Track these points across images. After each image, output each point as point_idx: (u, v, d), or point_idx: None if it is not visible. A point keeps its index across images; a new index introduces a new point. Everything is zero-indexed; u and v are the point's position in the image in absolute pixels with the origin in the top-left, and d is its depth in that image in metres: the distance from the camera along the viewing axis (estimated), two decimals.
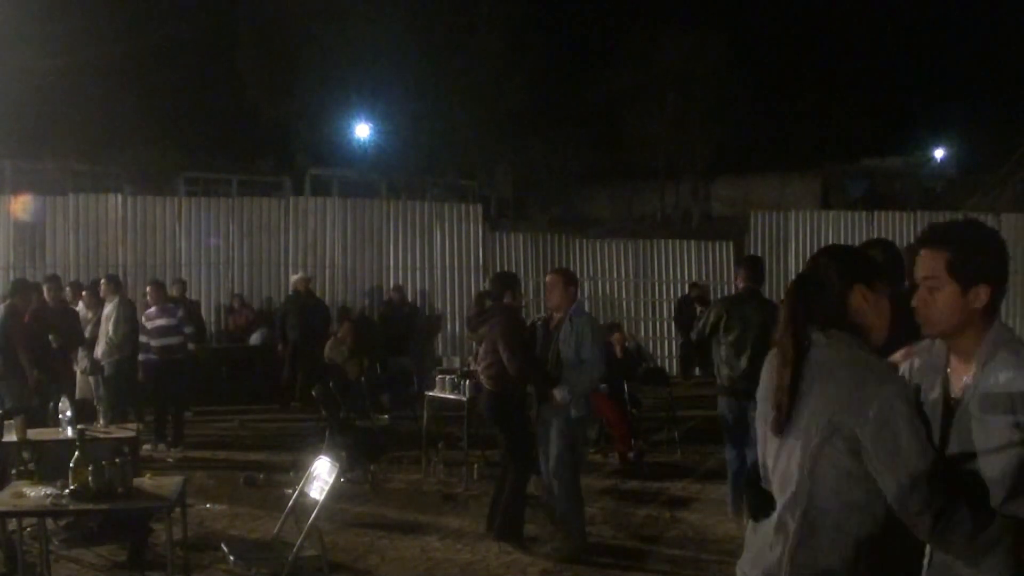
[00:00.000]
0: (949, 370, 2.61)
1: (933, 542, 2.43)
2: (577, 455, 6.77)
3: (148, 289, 11.27)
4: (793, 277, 2.80)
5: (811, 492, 2.51)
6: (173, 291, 13.15)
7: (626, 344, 12.14)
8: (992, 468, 2.46)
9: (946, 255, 2.52)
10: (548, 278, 6.96)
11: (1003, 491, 2.45)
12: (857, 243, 19.77)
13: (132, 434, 7.69)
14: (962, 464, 2.48)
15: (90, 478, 4.98)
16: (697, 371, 15.98)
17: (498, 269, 16.82)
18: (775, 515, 2.62)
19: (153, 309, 10.88)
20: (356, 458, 8.80)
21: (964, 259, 2.51)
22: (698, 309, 13.61)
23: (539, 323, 7.16)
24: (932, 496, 2.37)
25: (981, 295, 2.51)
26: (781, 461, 2.61)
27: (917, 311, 2.60)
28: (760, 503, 2.69)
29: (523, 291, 17.00)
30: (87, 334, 11.24)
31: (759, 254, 17.32)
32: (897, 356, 2.82)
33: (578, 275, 17.20)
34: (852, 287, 2.62)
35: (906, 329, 3.20)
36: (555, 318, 6.79)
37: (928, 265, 2.55)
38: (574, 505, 6.73)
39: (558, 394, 6.53)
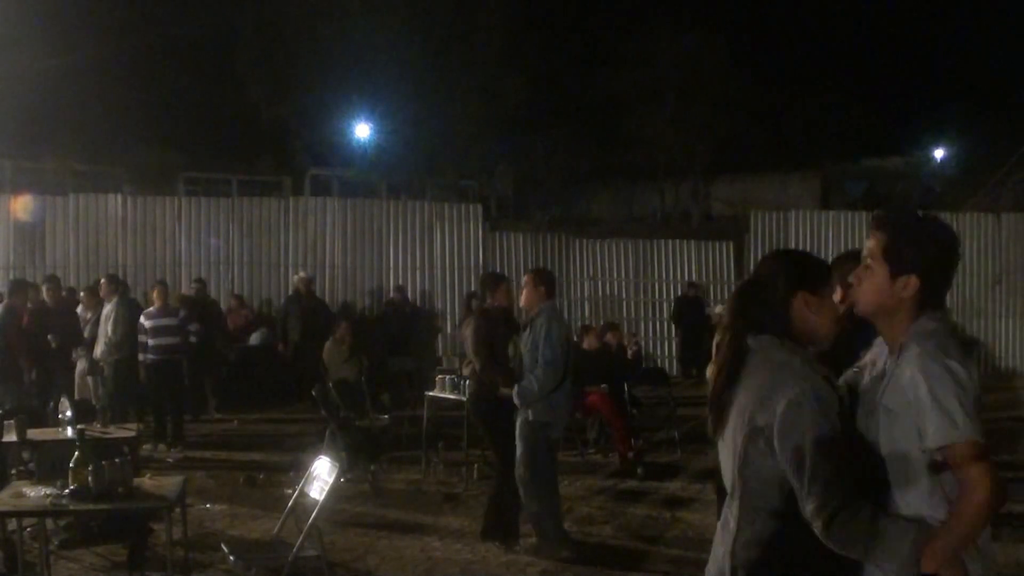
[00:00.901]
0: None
1: (827, 543, 2.46)
2: (543, 458, 6.60)
3: (155, 290, 11.27)
4: None
5: (744, 489, 2.61)
6: (191, 291, 13.39)
7: (629, 345, 12.14)
8: (895, 468, 2.51)
9: (884, 239, 2.60)
10: (523, 278, 6.94)
11: (903, 493, 2.50)
12: (857, 243, 19.83)
13: (132, 434, 7.70)
14: (868, 457, 2.54)
15: (90, 478, 4.98)
16: (695, 371, 15.99)
17: (498, 269, 16.83)
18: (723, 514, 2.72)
19: (154, 308, 10.88)
20: (356, 458, 8.81)
21: (898, 246, 2.57)
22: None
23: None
24: (828, 498, 2.42)
25: (909, 285, 2.55)
26: (723, 461, 2.72)
27: (852, 287, 2.69)
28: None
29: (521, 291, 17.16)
30: (86, 334, 11.25)
31: (759, 254, 17.35)
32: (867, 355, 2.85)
33: (578, 275, 17.37)
34: (795, 294, 2.68)
35: None
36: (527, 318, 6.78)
37: (869, 245, 2.63)
38: (544, 506, 6.63)
39: (515, 396, 6.48)
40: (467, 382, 8.70)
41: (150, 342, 10.69)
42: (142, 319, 10.81)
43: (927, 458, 2.45)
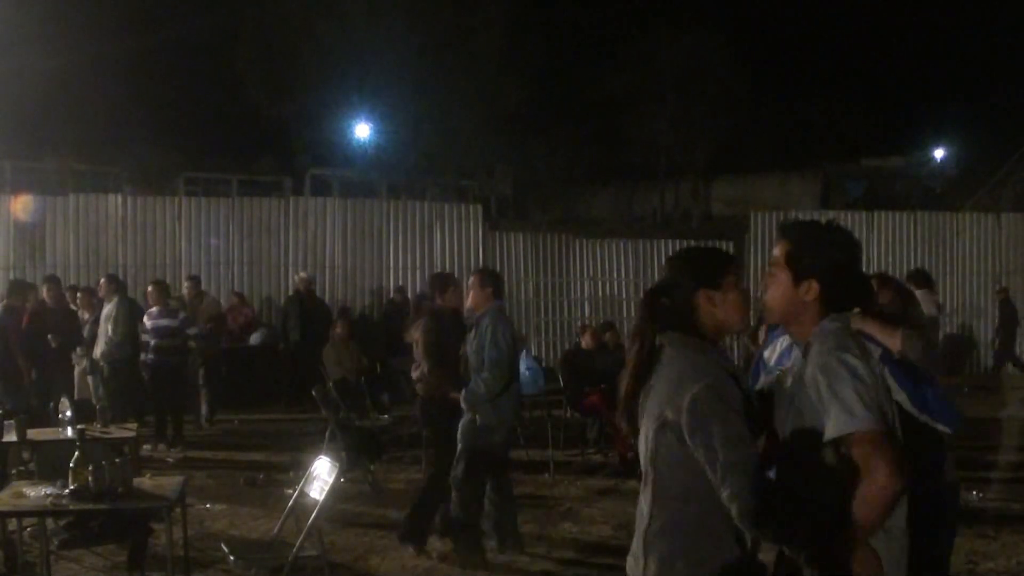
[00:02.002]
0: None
1: (744, 528, 2.59)
2: (481, 463, 6.45)
3: (149, 289, 11.27)
4: None
5: (655, 478, 2.76)
6: (185, 289, 13.14)
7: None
8: (804, 460, 2.64)
9: (787, 247, 2.75)
10: (470, 279, 6.83)
11: (812, 483, 2.62)
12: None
13: (132, 434, 7.70)
14: (783, 451, 2.70)
15: (90, 478, 4.98)
16: None
17: (498, 269, 16.83)
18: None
19: (155, 309, 10.88)
20: (356, 458, 8.79)
21: (800, 253, 2.72)
22: None
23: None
24: (740, 486, 2.55)
25: (812, 289, 2.69)
26: (640, 453, 2.85)
27: (760, 296, 2.85)
28: None
29: (522, 291, 17.18)
30: (84, 334, 11.25)
31: (759, 254, 17.34)
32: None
33: (578, 275, 17.37)
34: (697, 292, 2.81)
35: None
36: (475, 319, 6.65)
37: (774, 254, 2.78)
38: (466, 514, 6.46)
39: (462, 399, 6.36)
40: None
41: (151, 342, 10.70)
42: (144, 319, 10.82)
43: (831, 449, 2.57)
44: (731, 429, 2.59)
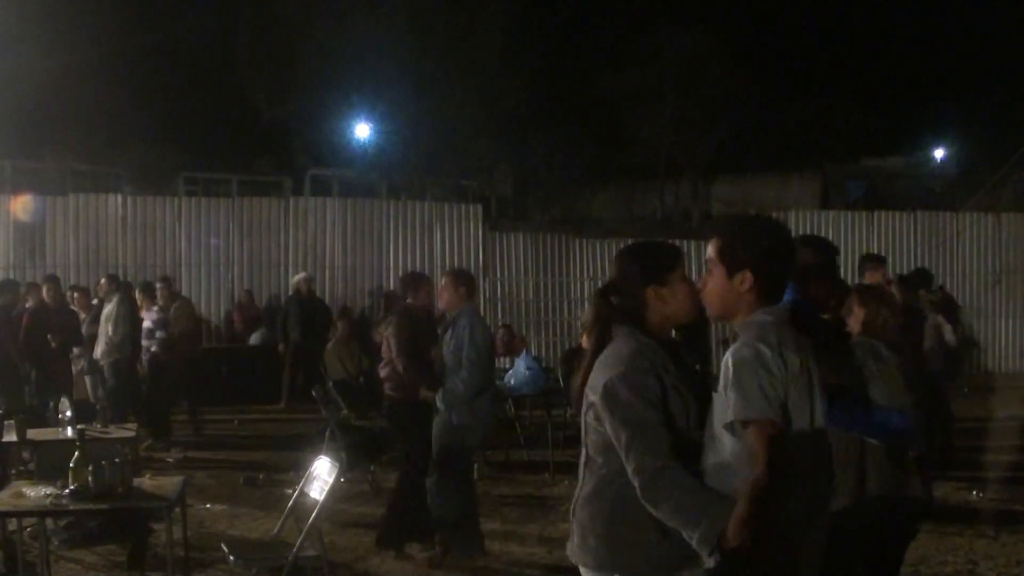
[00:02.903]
0: None
1: (645, 504, 2.76)
2: (457, 464, 6.44)
3: (159, 290, 11.41)
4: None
5: (585, 454, 3.00)
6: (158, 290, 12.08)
7: None
8: (712, 446, 2.77)
9: (719, 242, 2.85)
10: (441, 279, 6.80)
11: (717, 468, 2.74)
12: (857, 243, 19.83)
13: (132, 434, 7.71)
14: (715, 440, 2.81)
15: (90, 478, 4.98)
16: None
17: (498, 269, 16.85)
18: None
19: (155, 308, 10.95)
20: (356, 458, 8.79)
21: (731, 247, 2.81)
22: None
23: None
24: (642, 466, 2.74)
25: (745, 280, 2.78)
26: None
27: (700, 293, 2.97)
28: None
29: (522, 291, 17.16)
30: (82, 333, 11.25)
31: None
32: None
33: (578, 275, 17.36)
34: (645, 289, 2.98)
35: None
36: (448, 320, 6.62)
37: (708, 251, 2.87)
38: (458, 515, 6.44)
39: (439, 399, 6.34)
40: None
41: (145, 342, 10.77)
42: (143, 318, 10.84)
43: (729, 434, 2.70)
44: (634, 414, 2.77)
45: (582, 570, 2.98)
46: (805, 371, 2.73)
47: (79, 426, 6.48)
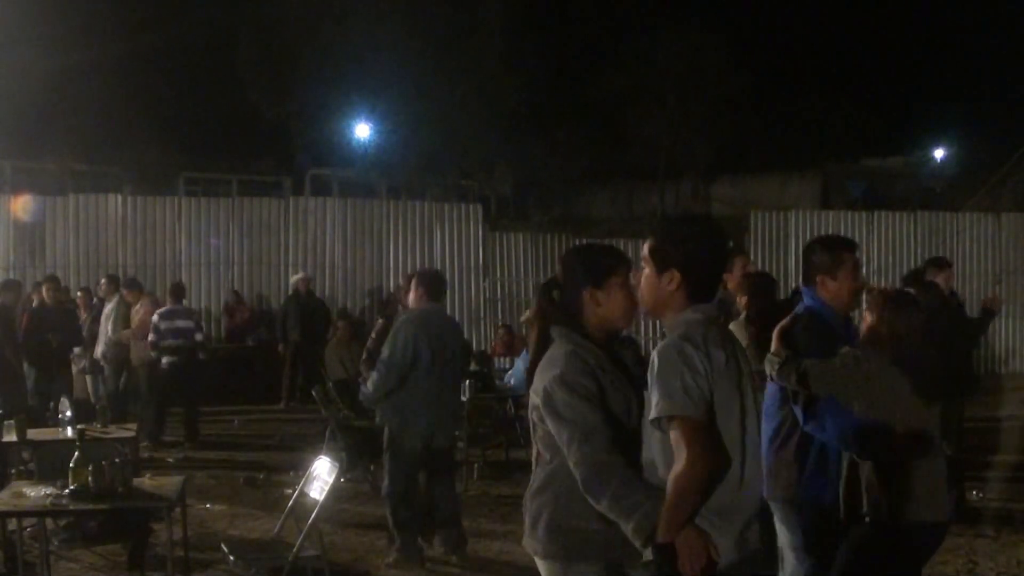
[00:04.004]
0: None
1: (586, 496, 2.87)
2: (393, 467, 6.43)
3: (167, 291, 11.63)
4: (792, 277, 3.03)
5: (538, 451, 3.12)
6: (103, 289, 11.93)
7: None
8: (646, 443, 2.90)
9: (651, 241, 2.96)
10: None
11: (648, 464, 2.86)
12: (857, 243, 19.79)
13: (132, 434, 7.71)
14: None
15: (90, 478, 4.98)
16: None
17: (498, 269, 16.84)
18: None
19: (167, 309, 11.01)
20: (356, 458, 8.80)
21: (660, 246, 2.92)
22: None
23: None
24: (580, 460, 2.86)
25: (673, 279, 2.86)
26: None
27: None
28: None
29: (522, 291, 17.15)
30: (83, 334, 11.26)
31: (759, 254, 17.33)
32: None
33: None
34: (581, 292, 3.07)
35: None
36: None
37: (642, 251, 2.97)
38: (399, 518, 6.41)
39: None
40: (468, 382, 8.67)
41: (162, 343, 10.73)
42: (155, 319, 10.73)
43: (655, 430, 2.80)
44: (573, 412, 2.91)
45: (535, 559, 3.11)
46: (734, 368, 2.81)
47: (79, 426, 6.49)
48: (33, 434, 7.17)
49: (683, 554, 2.63)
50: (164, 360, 10.73)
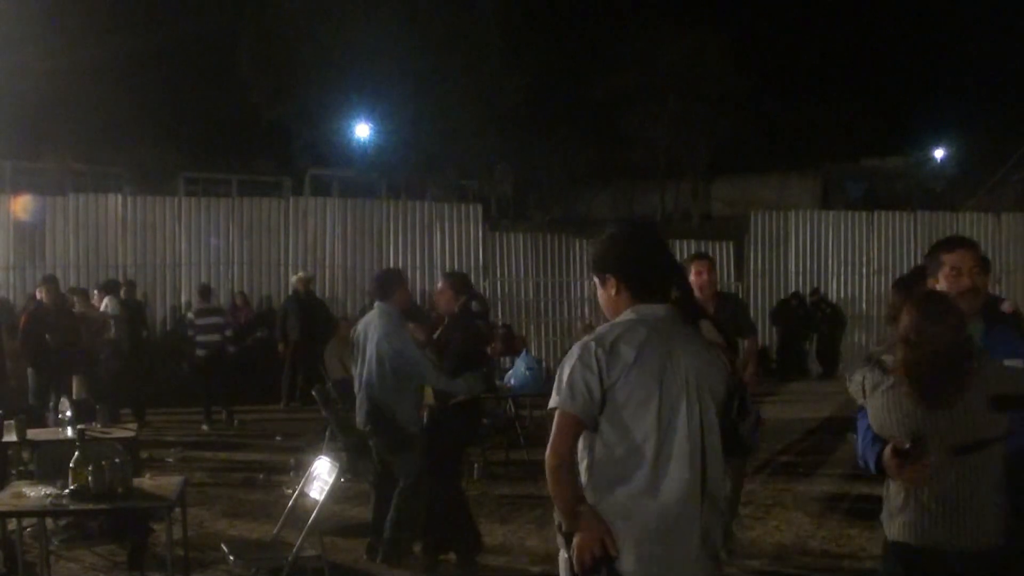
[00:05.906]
0: None
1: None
2: (406, 461, 6.47)
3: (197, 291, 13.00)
4: (792, 277, 3.03)
5: None
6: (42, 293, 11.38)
7: None
8: None
9: (591, 253, 3.06)
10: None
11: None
12: (857, 243, 19.71)
13: (132, 434, 7.70)
14: None
15: (90, 478, 4.98)
16: None
17: (498, 269, 16.85)
18: None
19: (200, 307, 12.56)
20: (356, 458, 8.78)
21: (596, 256, 3.01)
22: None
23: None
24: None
25: (611, 284, 2.93)
26: None
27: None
28: None
29: (522, 291, 17.16)
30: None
31: (759, 254, 17.34)
32: None
33: (578, 275, 17.35)
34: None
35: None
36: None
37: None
38: (399, 513, 6.42)
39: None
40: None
41: (198, 338, 11.95)
42: (190, 315, 12.27)
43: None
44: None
45: None
46: (654, 364, 2.75)
47: (79, 426, 6.48)
48: (33, 434, 7.16)
49: (576, 545, 2.71)
50: (198, 353, 12.03)
